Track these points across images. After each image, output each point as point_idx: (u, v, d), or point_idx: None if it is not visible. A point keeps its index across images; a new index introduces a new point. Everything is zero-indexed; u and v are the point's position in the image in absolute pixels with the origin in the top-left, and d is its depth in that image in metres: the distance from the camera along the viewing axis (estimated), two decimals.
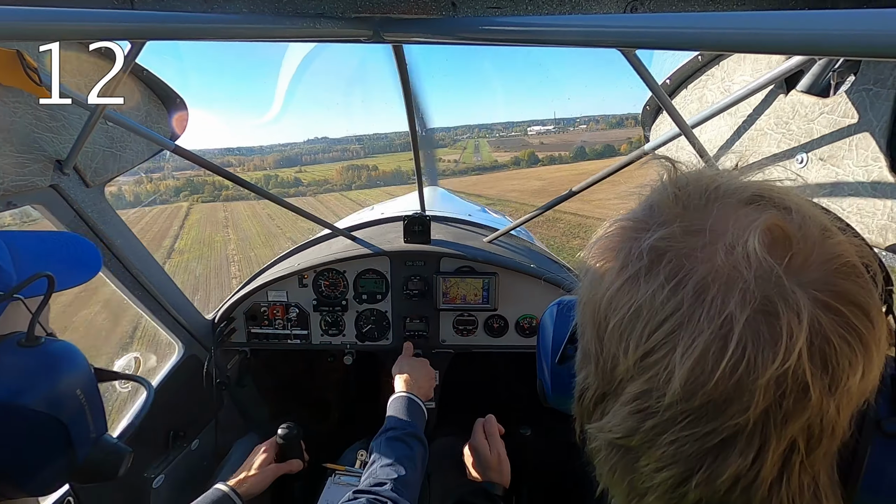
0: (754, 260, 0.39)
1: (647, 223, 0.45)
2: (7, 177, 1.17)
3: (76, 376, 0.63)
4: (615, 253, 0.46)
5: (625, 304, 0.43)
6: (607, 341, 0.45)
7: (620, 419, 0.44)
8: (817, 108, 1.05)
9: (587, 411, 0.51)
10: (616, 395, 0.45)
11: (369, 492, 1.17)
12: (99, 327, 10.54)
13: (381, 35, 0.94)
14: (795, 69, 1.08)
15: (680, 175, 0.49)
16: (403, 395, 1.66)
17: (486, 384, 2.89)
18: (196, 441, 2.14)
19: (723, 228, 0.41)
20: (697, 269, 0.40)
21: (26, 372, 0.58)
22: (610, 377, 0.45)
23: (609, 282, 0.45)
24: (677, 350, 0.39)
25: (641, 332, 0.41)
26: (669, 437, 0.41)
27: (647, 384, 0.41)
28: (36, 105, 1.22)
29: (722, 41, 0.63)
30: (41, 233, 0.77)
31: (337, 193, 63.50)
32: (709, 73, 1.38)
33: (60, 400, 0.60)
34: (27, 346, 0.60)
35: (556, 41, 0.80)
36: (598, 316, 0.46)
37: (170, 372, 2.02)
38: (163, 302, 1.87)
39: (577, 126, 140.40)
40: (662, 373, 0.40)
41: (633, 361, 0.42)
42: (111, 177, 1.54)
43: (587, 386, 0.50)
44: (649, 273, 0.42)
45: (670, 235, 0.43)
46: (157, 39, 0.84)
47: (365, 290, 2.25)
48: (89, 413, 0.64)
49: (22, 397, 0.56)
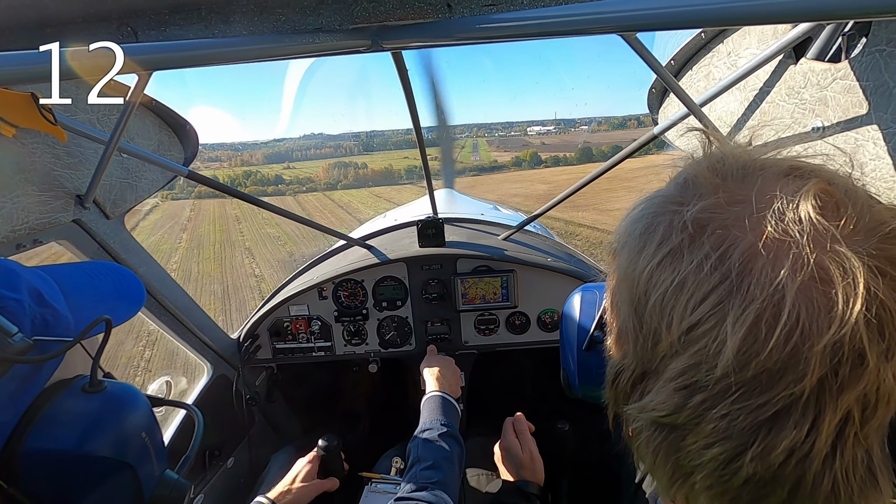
0: (807, 225, 0.38)
1: (683, 197, 0.45)
2: (31, 215, 1.21)
3: (139, 418, 0.64)
4: (653, 227, 0.45)
5: (667, 278, 0.42)
6: (647, 317, 0.44)
7: (665, 396, 0.43)
8: (829, 74, 1.03)
9: (623, 393, 0.50)
10: (658, 372, 0.44)
11: (411, 499, 1.17)
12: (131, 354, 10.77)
13: (380, 43, 0.95)
14: (803, 37, 1.06)
15: (715, 149, 0.48)
16: (437, 394, 1.66)
17: (513, 382, 2.88)
18: (231, 459, 2.17)
19: (769, 196, 0.40)
20: (745, 237, 0.39)
21: (93, 418, 0.59)
22: (651, 354, 0.45)
23: (649, 256, 0.44)
24: (727, 320, 0.38)
25: (686, 304, 0.40)
26: (720, 411, 0.40)
27: (693, 358, 0.40)
28: (54, 144, 1.25)
29: (724, 15, 0.62)
30: (85, 265, 0.77)
31: (319, 194, 59.57)
32: (714, 50, 1.36)
33: (127, 443, 0.61)
34: (92, 391, 0.61)
35: (554, 32, 0.79)
36: (636, 292, 0.45)
37: (201, 392, 2.05)
38: (189, 325, 1.90)
39: (578, 127, 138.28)
40: (711, 345, 0.39)
41: (678, 336, 0.41)
42: (129, 207, 1.57)
43: (624, 366, 0.49)
44: (692, 245, 0.41)
45: (713, 206, 0.42)
46: (163, 69, 0.86)
47: (384, 298, 2.26)
48: (153, 452, 0.65)
49: (91, 445, 0.57)
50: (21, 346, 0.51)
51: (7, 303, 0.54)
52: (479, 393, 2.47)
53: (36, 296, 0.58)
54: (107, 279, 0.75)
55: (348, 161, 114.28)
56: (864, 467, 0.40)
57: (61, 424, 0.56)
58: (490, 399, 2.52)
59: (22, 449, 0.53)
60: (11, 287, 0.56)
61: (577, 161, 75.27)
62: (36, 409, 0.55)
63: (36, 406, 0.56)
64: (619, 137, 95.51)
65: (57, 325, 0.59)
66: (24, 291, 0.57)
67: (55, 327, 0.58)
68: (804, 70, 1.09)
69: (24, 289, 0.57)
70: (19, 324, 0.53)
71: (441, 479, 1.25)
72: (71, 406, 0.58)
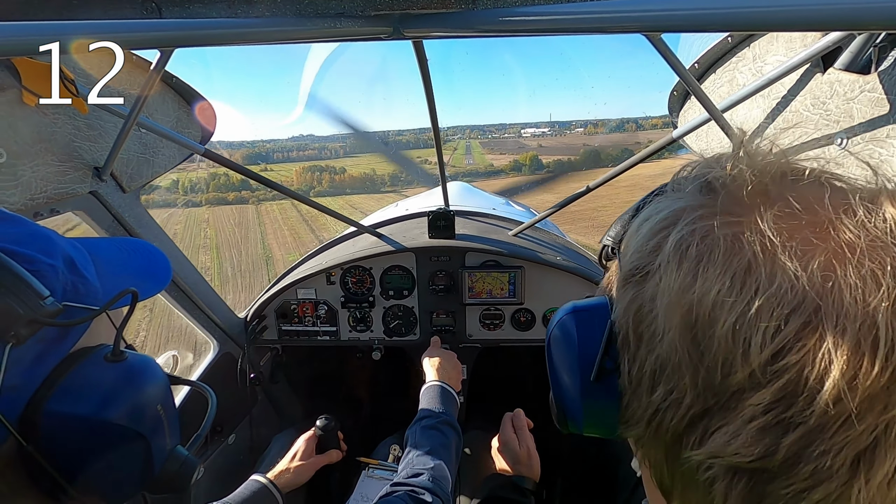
0: (892, 225, 0.35)
1: (738, 207, 0.40)
2: (50, 185, 1.23)
3: (157, 390, 0.65)
4: (710, 245, 0.39)
5: (740, 301, 0.37)
6: (714, 345, 0.38)
7: (749, 437, 0.37)
8: (857, 86, 1.00)
9: (671, 434, 0.42)
10: (728, 409, 0.38)
11: (406, 484, 1.18)
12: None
13: (401, 31, 0.94)
14: (833, 46, 1.03)
15: (752, 152, 0.44)
16: (436, 383, 1.67)
17: (514, 378, 2.89)
18: (233, 436, 2.21)
19: (834, 204, 0.37)
20: (826, 244, 0.36)
21: (112, 387, 0.60)
22: (719, 388, 0.38)
23: (713, 279, 0.38)
24: (825, 342, 0.34)
25: (766, 329, 0.35)
26: (818, 448, 0.34)
27: (784, 390, 0.35)
28: (74, 115, 1.27)
29: (753, 20, 0.60)
30: (117, 240, 0.79)
31: (287, 202, 51.51)
32: (739, 55, 1.33)
33: (142, 414, 0.62)
34: (114, 360, 0.61)
35: (578, 29, 0.78)
36: (696, 319, 0.39)
37: (206, 369, 2.09)
38: (198, 302, 1.93)
39: (573, 129, 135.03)
40: (809, 372, 0.34)
41: (759, 364, 0.35)
42: (145, 181, 1.59)
43: (671, 403, 0.41)
44: (767, 260, 0.37)
45: (784, 216, 0.38)
46: (185, 46, 0.86)
47: (391, 286, 2.27)
48: (167, 426, 0.66)
49: (107, 412, 0.58)
50: (52, 309, 0.52)
51: (41, 266, 0.55)
52: (480, 387, 2.48)
53: (69, 263, 0.60)
54: (137, 256, 0.77)
55: (325, 165, 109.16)
56: None
57: (82, 390, 0.57)
58: (491, 394, 2.53)
59: (43, 410, 0.54)
60: (47, 253, 0.57)
61: (583, 165, 72.17)
62: (59, 373, 0.57)
63: (59, 370, 0.57)
64: (618, 140, 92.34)
65: (87, 293, 0.60)
66: (59, 258, 0.58)
67: (84, 296, 0.60)
68: (831, 80, 1.07)
69: (58, 255, 0.58)
70: (51, 288, 0.54)
71: (437, 465, 1.26)
72: (92, 373, 0.59)
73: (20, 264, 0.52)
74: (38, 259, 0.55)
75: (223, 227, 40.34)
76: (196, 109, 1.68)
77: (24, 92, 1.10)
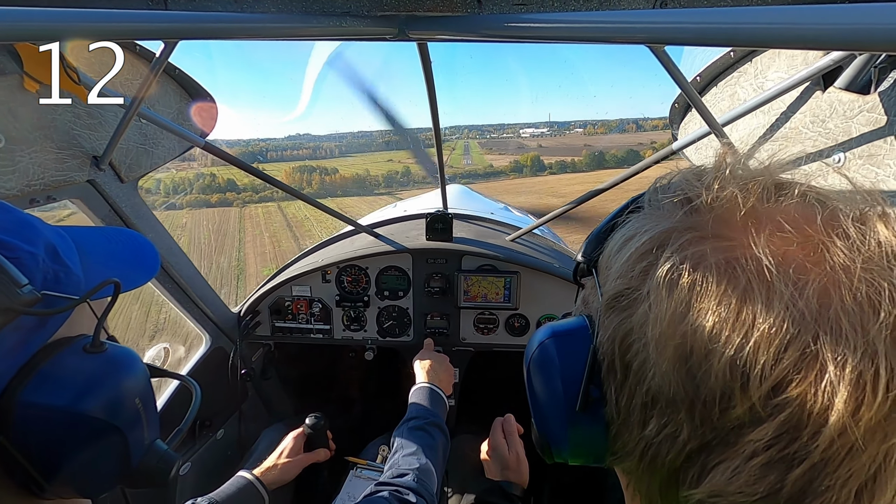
0: (888, 249, 0.34)
1: (729, 231, 0.38)
2: (47, 172, 1.22)
3: (136, 384, 0.64)
4: (702, 271, 0.38)
5: (737, 332, 0.35)
6: (711, 378, 0.36)
7: (753, 475, 0.35)
8: (857, 105, 1.01)
9: (667, 470, 0.41)
10: (728, 444, 0.36)
11: (391, 484, 1.18)
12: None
13: (406, 33, 0.94)
14: (833, 65, 1.04)
15: (736, 172, 0.43)
16: (425, 385, 1.67)
17: (506, 383, 2.88)
18: (221, 431, 2.20)
19: (825, 225, 0.36)
20: (820, 269, 0.34)
21: (90, 378, 0.59)
22: (718, 423, 0.36)
23: (706, 310, 0.36)
24: (827, 373, 0.32)
25: (766, 360, 0.34)
26: (823, 483, 0.33)
27: (786, 424, 0.33)
28: (75, 103, 1.26)
29: (756, 37, 0.61)
30: (106, 230, 0.77)
31: (274, 205, 50.36)
32: (741, 70, 1.34)
33: (120, 407, 0.61)
34: (93, 351, 0.60)
35: (583, 38, 0.78)
36: (690, 351, 0.37)
37: (197, 363, 2.08)
38: (192, 295, 1.92)
39: (572, 129, 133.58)
40: (810, 405, 0.33)
41: (759, 398, 0.34)
42: (144, 172, 1.59)
43: (665, 437, 0.40)
44: (762, 287, 0.35)
45: (775, 241, 0.36)
46: (189, 39, 0.86)
47: (387, 287, 2.27)
48: (145, 420, 0.65)
49: (84, 404, 0.57)
50: (29, 297, 0.51)
51: (21, 254, 0.54)
52: (471, 391, 2.48)
53: (51, 251, 0.58)
54: (125, 245, 0.76)
55: (316, 165, 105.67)
56: None
57: (58, 380, 0.56)
58: (482, 398, 2.53)
59: (17, 400, 0.53)
60: (28, 240, 0.56)
61: (587, 167, 69.30)
62: (35, 363, 0.56)
63: (36, 360, 0.56)
64: (620, 141, 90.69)
65: (68, 282, 0.59)
66: (41, 246, 0.57)
67: (66, 285, 0.59)
68: (831, 99, 1.08)
69: (40, 243, 0.57)
70: (30, 276, 0.53)
71: (423, 466, 1.26)
72: (70, 364, 0.58)
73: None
74: (17, 246, 0.54)
75: (199, 233, 38.99)
76: (198, 102, 1.68)
77: (26, 78, 1.10)
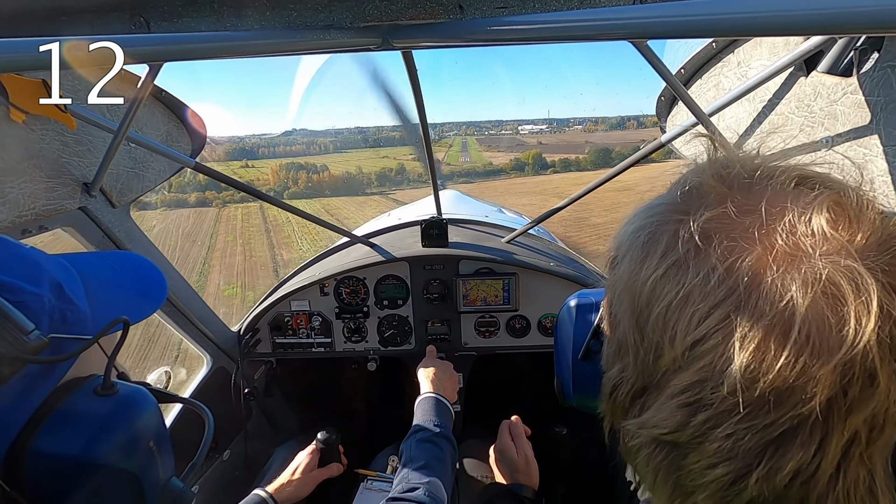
0: (819, 238, 0.37)
1: (688, 206, 0.43)
2: (38, 201, 1.21)
3: (149, 425, 0.62)
4: (657, 237, 0.43)
5: (671, 291, 0.40)
6: (650, 330, 0.42)
7: (667, 413, 0.41)
8: (840, 88, 1.02)
9: (621, 407, 0.48)
10: (659, 387, 0.42)
11: (403, 499, 1.17)
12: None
13: (391, 42, 0.95)
14: (815, 50, 1.05)
15: (720, 155, 0.47)
16: (430, 395, 1.66)
17: (511, 385, 2.88)
18: (227, 451, 2.18)
19: (780, 208, 0.39)
20: (753, 249, 0.38)
21: (102, 423, 0.57)
22: (652, 369, 0.43)
23: (651, 268, 0.42)
24: (734, 337, 0.37)
25: (690, 318, 0.39)
26: (725, 430, 0.38)
27: (698, 374, 0.39)
28: (63, 131, 1.26)
29: (737, 26, 0.61)
30: (108, 255, 0.75)
31: (256, 205, 45.37)
32: (724, 60, 1.35)
33: (134, 452, 0.59)
34: (104, 394, 0.59)
35: (566, 37, 0.79)
36: (638, 304, 0.43)
37: (200, 384, 2.06)
38: (190, 316, 1.91)
39: (571, 126, 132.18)
40: (717, 361, 0.37)
41: (682, 351, 0.39)
42: (135, 196, 1.58)
43: (622, 380, 0.47)
44: (698, 256, 0.40)
45: (720, 216, 0.40)
46: (174, 60, 0.86)
47: (385, 296, 2.26)
48: (160, 461, 0.63)
49: (97, 451, 0.55)
50: (36, 343, 0.50)
51: (26, 296, 0.53)
52: (476, 395, 2.47)
53: (56, 289, 0.57)
54: (129, 271, 0.74)
55: (304, 162, 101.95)
56: (866, 487, 0.39)
57: (69, 427, 0.55)
58: (488, 402, 2.52)
59: (28, 450, 0.52)
60: (33, 280, 0.54)
61: (593, 165, 67.01)
62: (46, 410, 0.54)
63: (47, 406, 0.54)
64: (620, 138, 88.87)
65: (75, 321, 0.58)
66: (46, 285, 0.56)
67: (73, 323, 0.57)
68: (815, 83, 1.09)
69: (45, 282, 0.56)
70: (36, 320, 0.51)
71: (433, 478, 1.25)
72: (81, 408, 0.57)
73: (2, 295, 0.50)
74: (21, 288, 0.53)
75: (167, 239, 37.07)
76: (185, 122, 1.68)
77: (12, 108, 1.09)
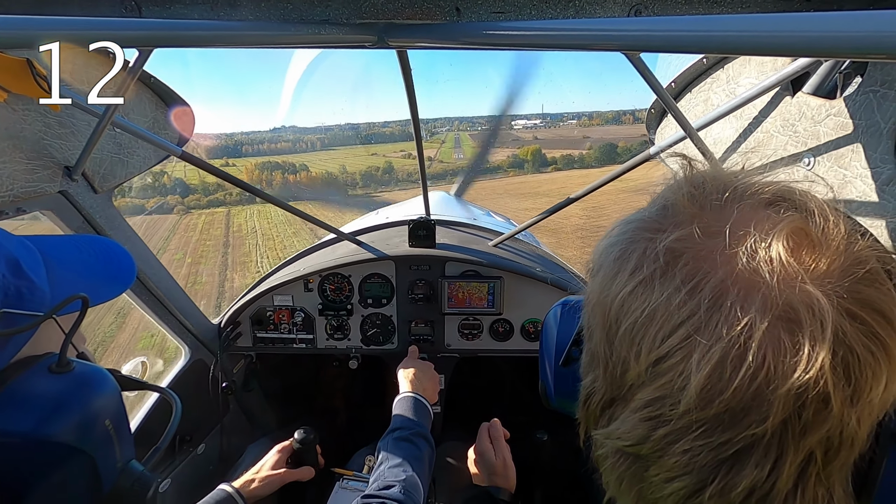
0: (777, 265, 0.37)
1: (661, 223, 0.44)
2: (17, 183, 1.18)
3: (105, 405, 0.61)
4: (628, 254, 0.44)
5: (637, 308, 0.41)
6: (618, 345, 0.43)
7: (630, 426, 0.43)
8: (824, 109, 1.05)
9: (593, 416, 0.49)
10: (625, 400, 0.44)
11: (377, 496, 1.16)
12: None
13: (386, 41, 0.94)
14: (801, 71, 1.08)
15: (696, 173, 0.47)
16: (409, 394, 1.66)
17: (492, 388, 2.88)
18: (202, 445, 2.14)
19: (743, 231, 0.40)
20: (716, 272, 0.39)
21: (55, 401, 0.56)
22: (619, 382, 0.44)
23: (621, 284, 0.43)
24: (693, 356, 0.38)
25: (655, 336, 0.40)
26: (682, 446, 0.39)
27: (659, 391, 0.40)
28: (45, 112, 1.23)
29: (727, 44, 0.63)
30: (78, 238, 0.73)
31: (223, 210, 41.75)
32: (714, 76, 1.38)
33: (88, 431, 0.58)
34: (59, 371, 0.57)
35: (559, 45, 0.80)
36: (608, 319, 0.44)
37: (176, 376, 2.03)
38: (170, 307, 1.88)
39: (566, 121, 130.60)
40: (677, 379, 0.39)
41: (645, 367, 0.41)
42: (119, 183, 1.55)
43: (594, 390, 0.48)
44: (664, 276, 0.41)
45: (687, 236, 0.41)
46: (164, 47, 0.85)
47: (370, 295, 2.25)
48: (117, 442, 0.62)
49: (49, 428, 0.54)
50: None
51: None
52: (457, 397, 2.47)
53: (13, 265, 0.56)
54: (98, 255, 0.72)
55: (281, 161, 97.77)
56: None
57: (21, 404, 0.53)
58: (468, 404, 2.52)
59: None
60: None
61: (598, 162, 63.17)
62: None
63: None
64: (620, 133, 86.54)
65: (31, 298, 0.57)
66: (1, 261, 0.55)
67: (30, 301, 0.56)
68: (800, 103, 1.11)
69: (0, 258, 0.55)
70: None
71: (409, 477, 1.25)
72: (34, 385, 0.55)
73: None
74: None
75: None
76: (174, 111, 1.65)
77: None
